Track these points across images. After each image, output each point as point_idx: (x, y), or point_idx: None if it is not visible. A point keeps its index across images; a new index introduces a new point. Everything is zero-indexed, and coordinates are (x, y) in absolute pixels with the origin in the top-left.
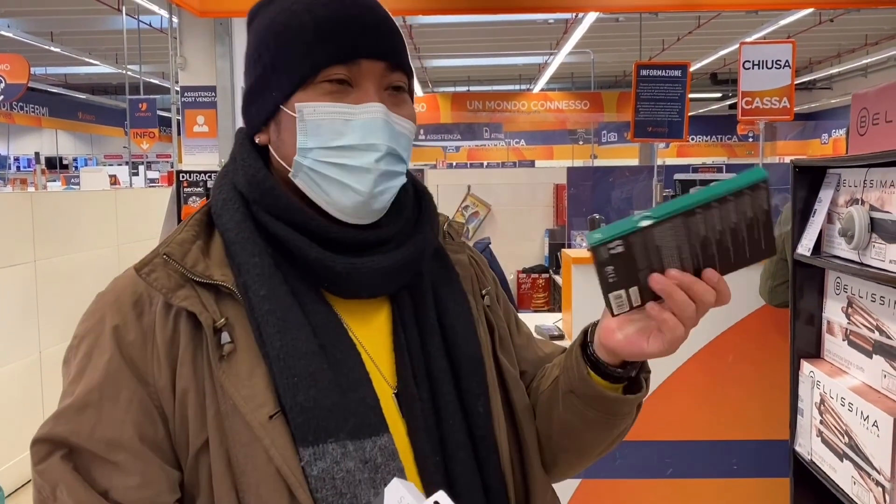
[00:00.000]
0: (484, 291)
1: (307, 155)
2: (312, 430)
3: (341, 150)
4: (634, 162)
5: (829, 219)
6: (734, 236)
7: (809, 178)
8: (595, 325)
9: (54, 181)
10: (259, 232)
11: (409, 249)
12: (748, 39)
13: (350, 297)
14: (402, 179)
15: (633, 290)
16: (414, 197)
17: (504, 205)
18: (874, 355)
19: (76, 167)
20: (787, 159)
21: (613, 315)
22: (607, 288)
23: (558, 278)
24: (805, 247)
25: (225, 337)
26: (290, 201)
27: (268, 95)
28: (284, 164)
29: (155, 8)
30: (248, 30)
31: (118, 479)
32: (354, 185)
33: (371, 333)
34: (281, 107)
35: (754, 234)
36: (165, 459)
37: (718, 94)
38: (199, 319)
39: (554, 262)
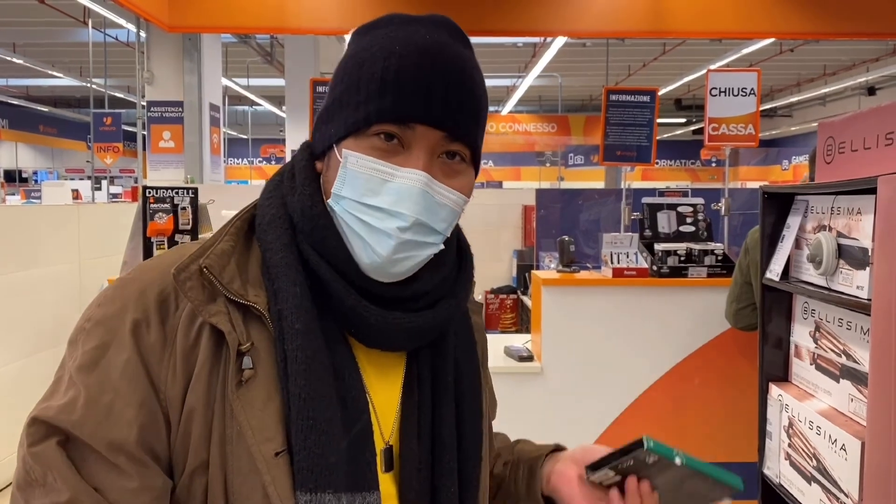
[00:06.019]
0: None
1: (339, 202)
2: (314, 477)
3: (370, 208)
4: (601, 184)
5: (798, 244)
6: (690, 499)
7: (778, 204)
8: (544, 457)
9: (13, 195)
10: (301, 260)
11: (442, 311)
12: (712, 67)
13: (373, 347)
14: (434, 249)
15: (617, 478)
16: (456, 253)
17: (473, 225)
18: (841, 379)
19: (36, 181)
20: (749, 184)
21: (589, 479)
22: (612, 466)
23: (526, 299)
24: (774, 272)
25: (247, 362)
26: (339, 245)
27: (329, 129)
28: (326, 200)
29: (122, 22)
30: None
31: (115, 480)
32: (374, 246)
33: (382, 385)
34: (333, 145)
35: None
36: (162, 468)
37: (683, 120)
38: (222, 337)
39: (522, 283)
